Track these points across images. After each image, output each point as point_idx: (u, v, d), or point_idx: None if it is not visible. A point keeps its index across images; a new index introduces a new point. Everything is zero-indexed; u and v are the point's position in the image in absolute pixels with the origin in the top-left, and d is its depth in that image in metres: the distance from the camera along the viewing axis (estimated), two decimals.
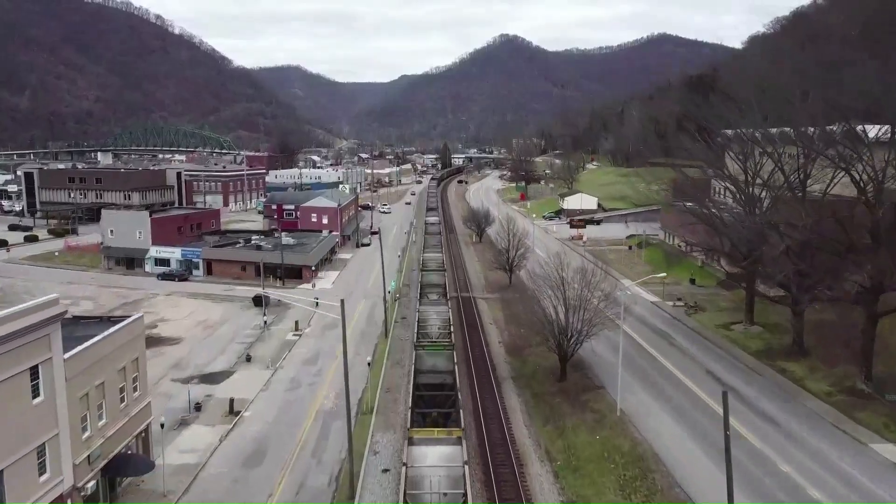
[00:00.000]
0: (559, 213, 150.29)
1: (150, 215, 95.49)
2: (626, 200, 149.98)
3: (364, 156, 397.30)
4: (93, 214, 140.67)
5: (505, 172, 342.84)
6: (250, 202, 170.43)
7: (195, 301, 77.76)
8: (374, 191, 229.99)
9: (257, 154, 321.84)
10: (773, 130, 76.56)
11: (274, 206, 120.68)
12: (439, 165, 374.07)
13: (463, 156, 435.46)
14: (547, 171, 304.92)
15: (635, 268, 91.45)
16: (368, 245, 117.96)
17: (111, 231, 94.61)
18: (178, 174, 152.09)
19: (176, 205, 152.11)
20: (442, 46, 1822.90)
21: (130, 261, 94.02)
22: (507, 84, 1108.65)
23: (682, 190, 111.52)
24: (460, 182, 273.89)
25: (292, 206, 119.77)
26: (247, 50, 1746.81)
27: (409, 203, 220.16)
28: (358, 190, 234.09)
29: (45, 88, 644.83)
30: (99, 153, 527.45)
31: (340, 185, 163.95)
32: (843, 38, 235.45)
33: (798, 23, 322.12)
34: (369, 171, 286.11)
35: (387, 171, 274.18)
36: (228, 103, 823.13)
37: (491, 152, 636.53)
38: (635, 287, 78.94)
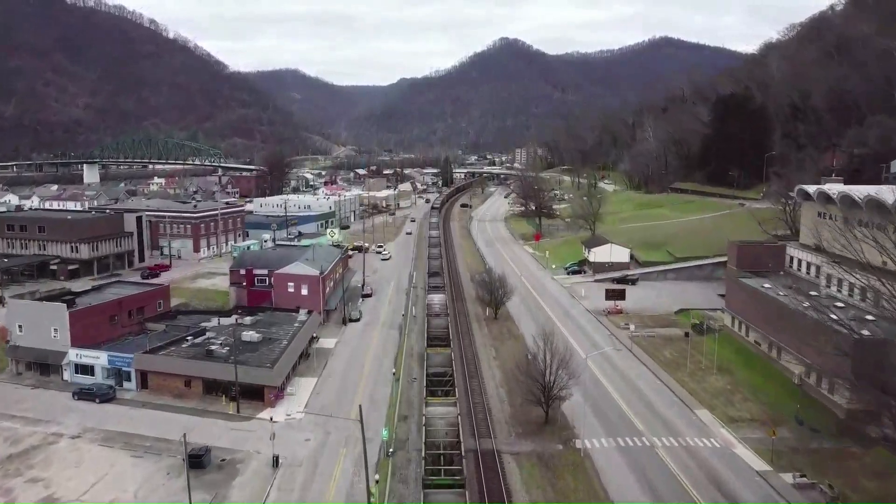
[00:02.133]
0: (583, 263, 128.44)
1: (70, 305, 73.47)
2: (662, 250, 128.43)
3: (361, 171, 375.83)
4: (33, 271, 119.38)
5: (510, 191, 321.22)
6: (226, 245, 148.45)
7: (109, 453, 55.63)
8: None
9: (244, 175, 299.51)
10: None
11: (243, 272, 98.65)
12: (440, 182, 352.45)
13: (464, 171, 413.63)
14: (556, 192, 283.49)
15: (707, 380, 69.26)
16: (358, 320, 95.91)
17: (19, 326, 72.69)
18: (139, 218, 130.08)
19: (136, 254, 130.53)
20: (441, 48, 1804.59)
21: (45, 366, 72.15)
22: (507, 87, 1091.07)
23: (748, 258, 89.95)
24: (463, 206, 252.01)
25: (265, 272, 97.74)
26: (244, 52, 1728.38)
27: (409, 233, 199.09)
28: (352, 220, 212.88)
29: (32, 95, 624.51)
30: (85, 165, 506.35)
31: (328, 233, 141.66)
32: (884, 53, 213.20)
33: (821, 30, 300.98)
34: (365, 193, 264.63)
35: (384, 193, 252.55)
36: (223, 109, 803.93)
37: (493, 162, 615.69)
38: (722, 430, 56.95)
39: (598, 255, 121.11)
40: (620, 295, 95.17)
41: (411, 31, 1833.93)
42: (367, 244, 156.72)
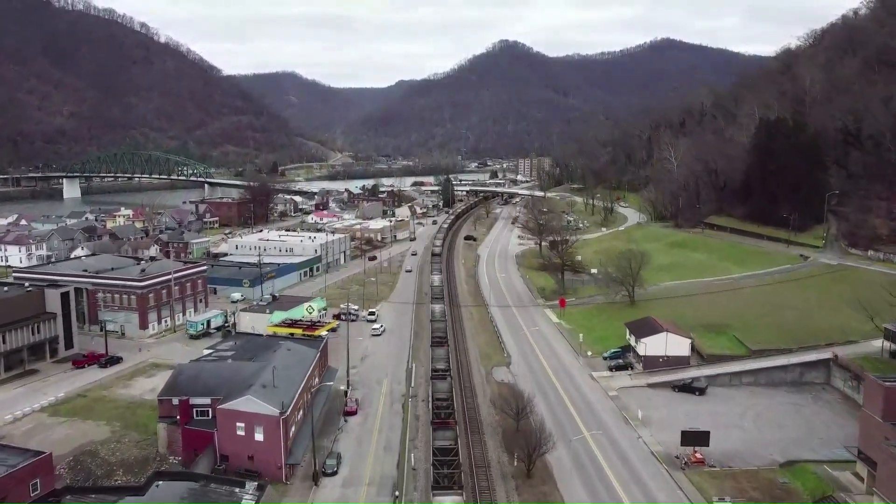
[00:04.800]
0: (627, 350, 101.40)
1: None
2: (728, 334, 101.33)
3: (356, 190, 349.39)
4: None
5: (516, 215, 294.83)
6: (182, 316, 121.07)
7: None
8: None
9: (224, 200, 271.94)
10: None
11: (176, 401, 71.38)
12: (440, 204, 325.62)
13: (466, 188, 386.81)
14: (570, 220, 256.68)
15: None
16: (335, 473, 68.70)
17: None
18: (65, 295, 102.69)
19: (61, 341, 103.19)
20: (440, 50, 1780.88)
21: None
22: (508, 91, 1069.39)
23: None
24: (468, 239, 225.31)
25: (206, 402, 70.73)
26: (241, 53, 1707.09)
27: (409, 270, 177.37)
28: (342, 261, 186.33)
29: (13, 104, 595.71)
30: (65, 180, 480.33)
31: (306, 308, 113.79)
32: None
33: (853, 38, 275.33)
34: (358, 224, 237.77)
35: (379, 225, 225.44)
36: (216, 116, 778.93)
37: (494, 174, 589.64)
38: None
39: (651, 346, 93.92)
40: (702, 439, 68.01)
41: (410, 32, 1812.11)
42: (354, 309, 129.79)
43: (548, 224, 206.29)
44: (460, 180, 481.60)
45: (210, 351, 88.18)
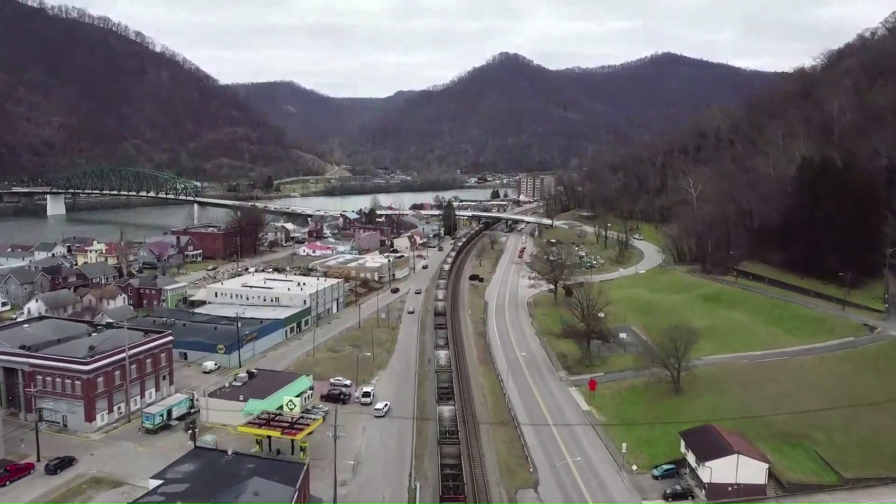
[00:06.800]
0: (680, 465, 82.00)
1: None
2: (808, 449, 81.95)
3: (353, 215, 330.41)
4: None
5: (523, 246, 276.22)
6: (140, 400, 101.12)
7: None
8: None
9: (209, 230, 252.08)
10: None
11: None
12: (441, 232, 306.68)
13: (468, 213, 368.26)
14: (582, 256, 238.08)
15: None
16: None
17: None
18: None
19: None
20: (440, 60, 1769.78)
21: None
22: (508, 104, 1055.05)
23: None
24: (473, 280, 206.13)
25: None
26: (238, 62, 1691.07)
27: (411, 312, 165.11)
28: (334, 309, 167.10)
29: (0, 115, 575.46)
30: (49, 196, 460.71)
31: (287, 404, 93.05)
32: None
33: (881, 62, 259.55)
34: (354, 256, 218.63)
35: (377, 263, 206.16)
36: (211, 127, 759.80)
37: (496, 193, 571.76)
38: None
39: (718, 471, 74.56)
40: None
41: (409, 43, 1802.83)
42: (345, 386, 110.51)
43: (560, 262, 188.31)
44: (461, 200, 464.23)
45: (157, 483, 68.31)
